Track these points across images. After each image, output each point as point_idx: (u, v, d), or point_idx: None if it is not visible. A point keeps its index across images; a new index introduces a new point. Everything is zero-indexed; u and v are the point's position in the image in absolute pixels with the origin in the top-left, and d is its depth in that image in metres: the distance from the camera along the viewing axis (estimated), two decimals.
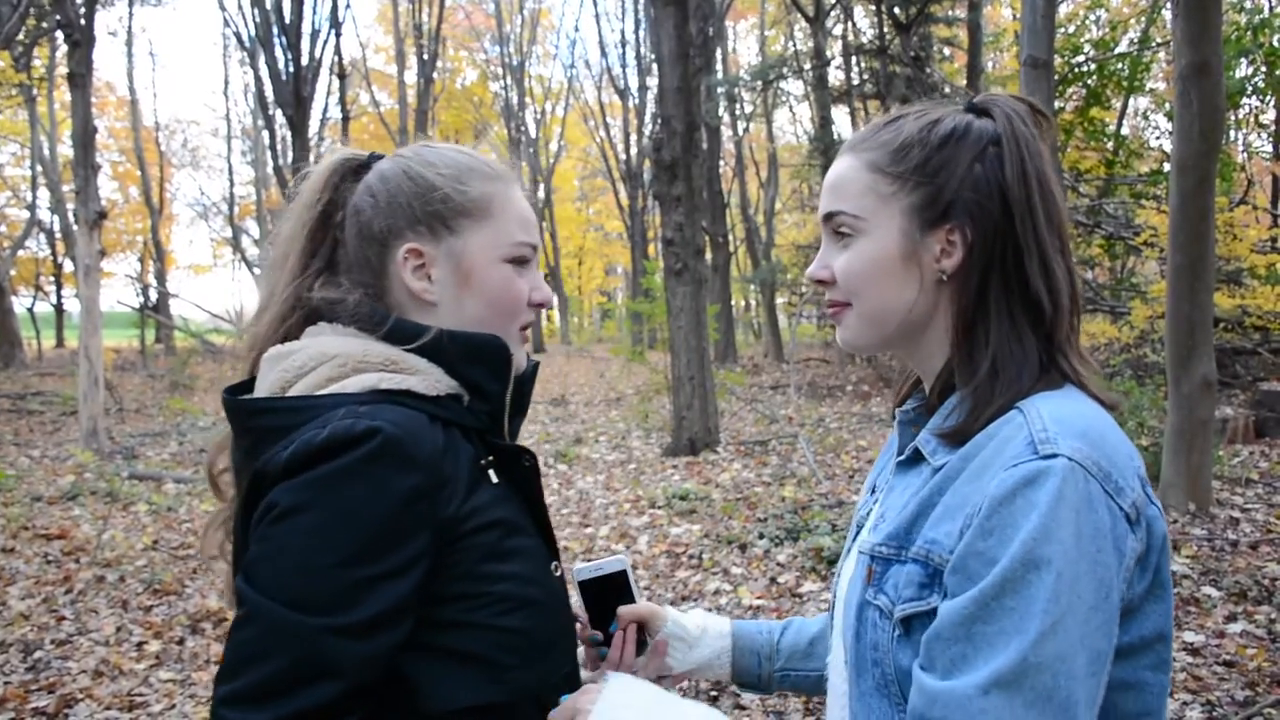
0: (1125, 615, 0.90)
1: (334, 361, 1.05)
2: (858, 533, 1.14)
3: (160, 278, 32.07)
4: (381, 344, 1.08)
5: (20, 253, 28.59)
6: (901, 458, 1.08)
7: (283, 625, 0.92)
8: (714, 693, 3.77)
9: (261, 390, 1.08)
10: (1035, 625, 0.83)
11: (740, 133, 27.62)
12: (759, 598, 4.89)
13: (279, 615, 0.92)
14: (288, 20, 17.62)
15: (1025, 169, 1.00)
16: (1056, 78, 10.66)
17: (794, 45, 23.70)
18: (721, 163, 24.48)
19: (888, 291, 1.02)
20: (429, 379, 1.08)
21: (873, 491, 1.17)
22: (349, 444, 0.95)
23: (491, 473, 1.09)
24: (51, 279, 32.39)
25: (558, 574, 1.15)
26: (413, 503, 0.97)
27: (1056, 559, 0.84)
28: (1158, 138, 16.07)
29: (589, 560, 1.35)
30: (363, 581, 0.94)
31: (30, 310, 31.64)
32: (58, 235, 28.45)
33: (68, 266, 29.69)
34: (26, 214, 29.01)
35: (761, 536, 5.85)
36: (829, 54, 18.52)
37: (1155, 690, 0.97)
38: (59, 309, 33.37)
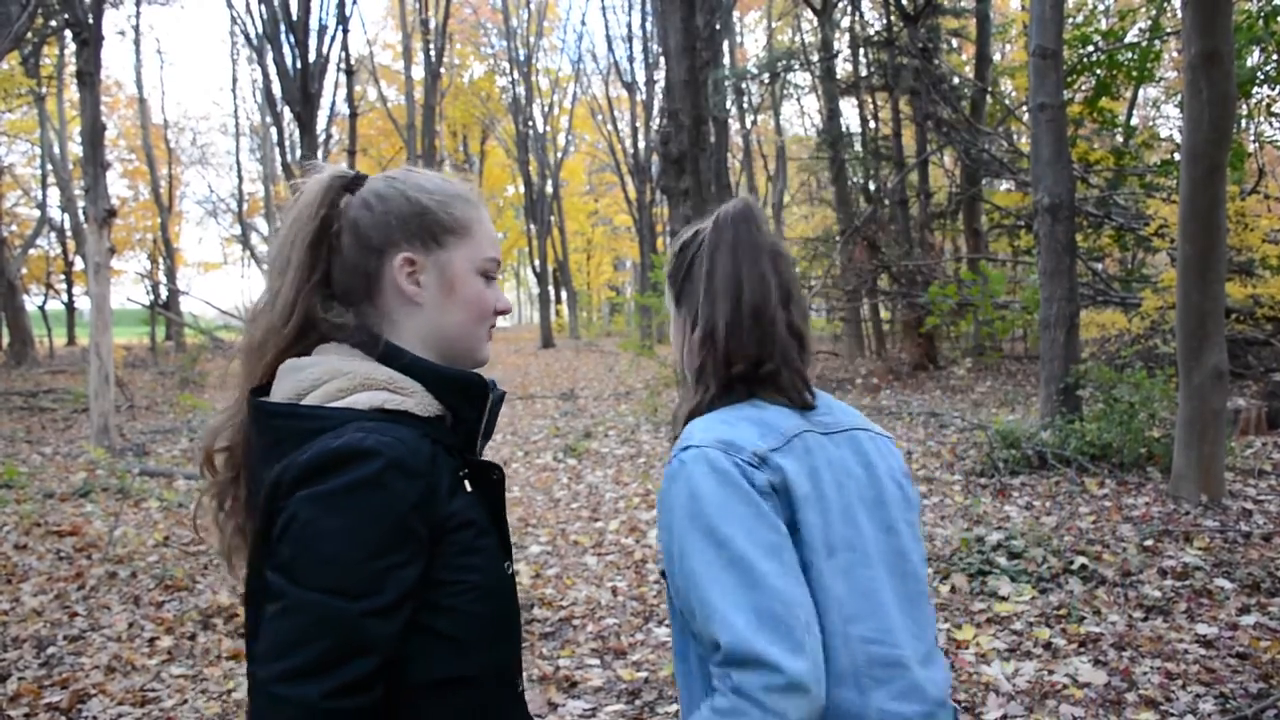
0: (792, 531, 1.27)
1: (345, 377, 1.23)
2: None
3: (170, 275, 32.19)
4: (382, 366, 1.26)
5: (31, 251, 28.76)
6: None
7: (326, 612, 1.08)
8: None
9: (277, 396, 1.24)
10: (716, 557, 1.20)
11: (748, 125, 27.54)
12: None
13: (323, 604, 1.09)
14: (295, 17, 17.61)
15: (715, 257, 1.41)
16: (1065, 68, 10.60)
17: (801, 37, 23.63)
18: (729, 156, 24.41)
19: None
20: (423, 401, 1.26)
21: None
22: (361, 457, 1.12)
23: (466, 483, 1.28)
24: (62, 277, 32.53)
25: (510, 571, 1.34)
26: (417, 506, 1.15)
27: (706, 513, 1.23)
28: (1168, 128, 15.99)
29: None
30: (385, 570, 1.12)
31: (41, 308, 31.82)
32: (68, 233, 28.52)
33: (78, 264, 29.86)
34: (37, 212, 29.18)
35: None
36: (836, 46, 18.45)
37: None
38: (70, 307, 33.50)
